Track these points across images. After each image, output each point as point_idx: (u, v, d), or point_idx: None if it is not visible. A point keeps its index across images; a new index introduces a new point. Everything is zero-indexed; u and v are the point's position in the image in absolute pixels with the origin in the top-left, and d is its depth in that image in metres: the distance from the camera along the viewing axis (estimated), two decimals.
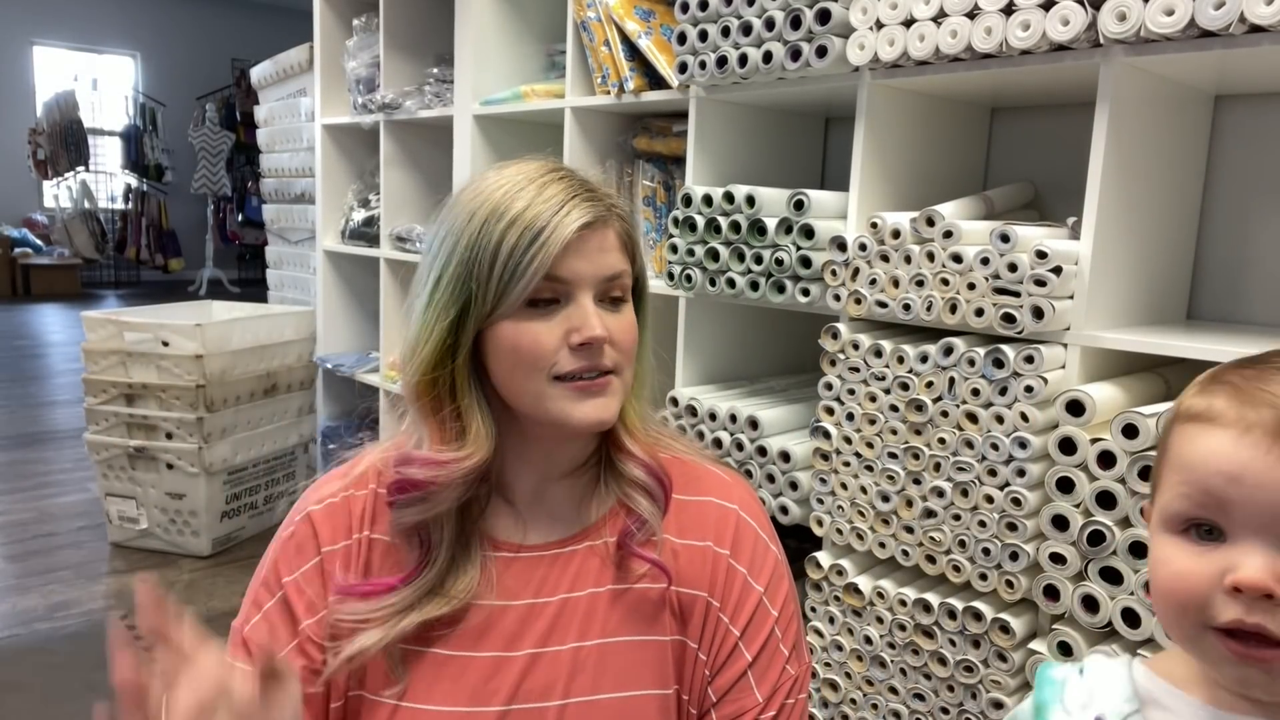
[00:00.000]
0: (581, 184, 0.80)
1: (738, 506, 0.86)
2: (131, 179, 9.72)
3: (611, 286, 0.79)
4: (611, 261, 0.79)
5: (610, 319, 0.79)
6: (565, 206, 0.77)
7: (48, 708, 1.89)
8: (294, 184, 3.45)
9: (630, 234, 0.82)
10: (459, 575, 0.80)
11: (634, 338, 0.81)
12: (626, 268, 0.80)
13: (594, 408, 0.78)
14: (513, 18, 2.32)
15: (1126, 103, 1.22)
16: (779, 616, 0.83)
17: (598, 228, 0.78)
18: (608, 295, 0.79)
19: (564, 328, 0.76)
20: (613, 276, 0.79)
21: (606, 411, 0.78)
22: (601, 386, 0.78)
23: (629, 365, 0.81)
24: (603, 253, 0.78)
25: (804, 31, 1.43)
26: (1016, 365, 1.23)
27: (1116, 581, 1.16)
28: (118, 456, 2.70)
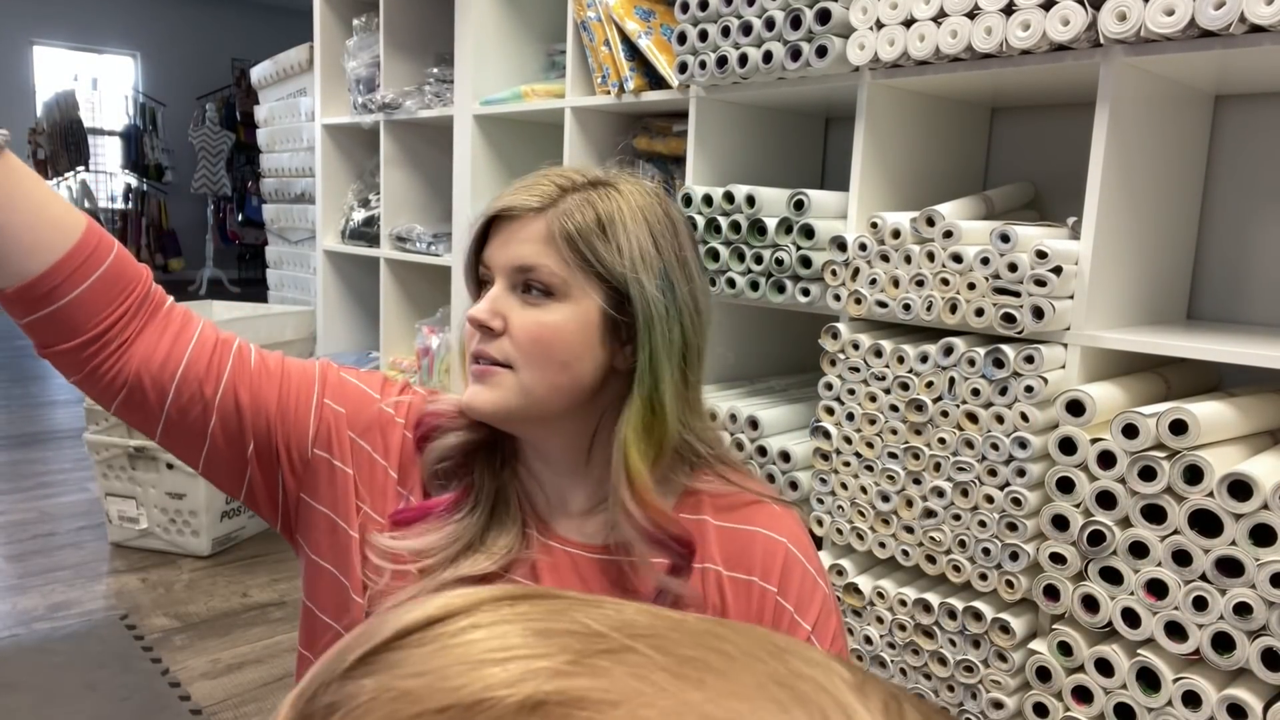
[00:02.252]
0: (564, 179, 0.78)
1: (787, 540, 0.82)
2: (131, 179, 9.72)
3: (524, 278, 0.76)
4: (524, 253, 0.76)
5: (517, 311, 0.76)
6: (506, 195, 0.78)
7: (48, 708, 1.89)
8: (294, 184, 3.45)
9: (572, 233, 0.76)
10: (500, 531, 0.80)
11: (535, 337, 0.76)
12: (544, 263, 0.76)
13: (470, 393, 0.78)
14: (513, 18, 2.32)
15: (1126, 103, 1.22)
16: None
17: (522, 216, 0.77)
18: (525, 287, 0.77)
19: None
20: (524, 268, 0.76)
21: (478, 399, 0.77)
22: (480, 374, 0.77)
23: (530, 366, 0.76)
24: (519, 243, 0.77)
25: (804, 31, 1.43)
26: (1016, 365, 1.23)
27: (1116, 581, 1.16)
28: (118, 456, 2.70)
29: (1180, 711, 1.12)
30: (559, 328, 0.76)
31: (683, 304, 0.79)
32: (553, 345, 0.75)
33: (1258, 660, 1.06)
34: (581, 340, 0.76)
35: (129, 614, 2.33)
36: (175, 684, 2.00)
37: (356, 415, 0.83)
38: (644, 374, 0.77)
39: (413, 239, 2.61)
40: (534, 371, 0.76)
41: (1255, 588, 1.05)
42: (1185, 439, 1.09)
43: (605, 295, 0.76)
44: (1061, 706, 1.23)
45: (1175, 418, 1.10)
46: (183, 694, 1.97)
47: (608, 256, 0.76)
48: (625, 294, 0.76)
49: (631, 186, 0.80)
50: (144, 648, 2.16)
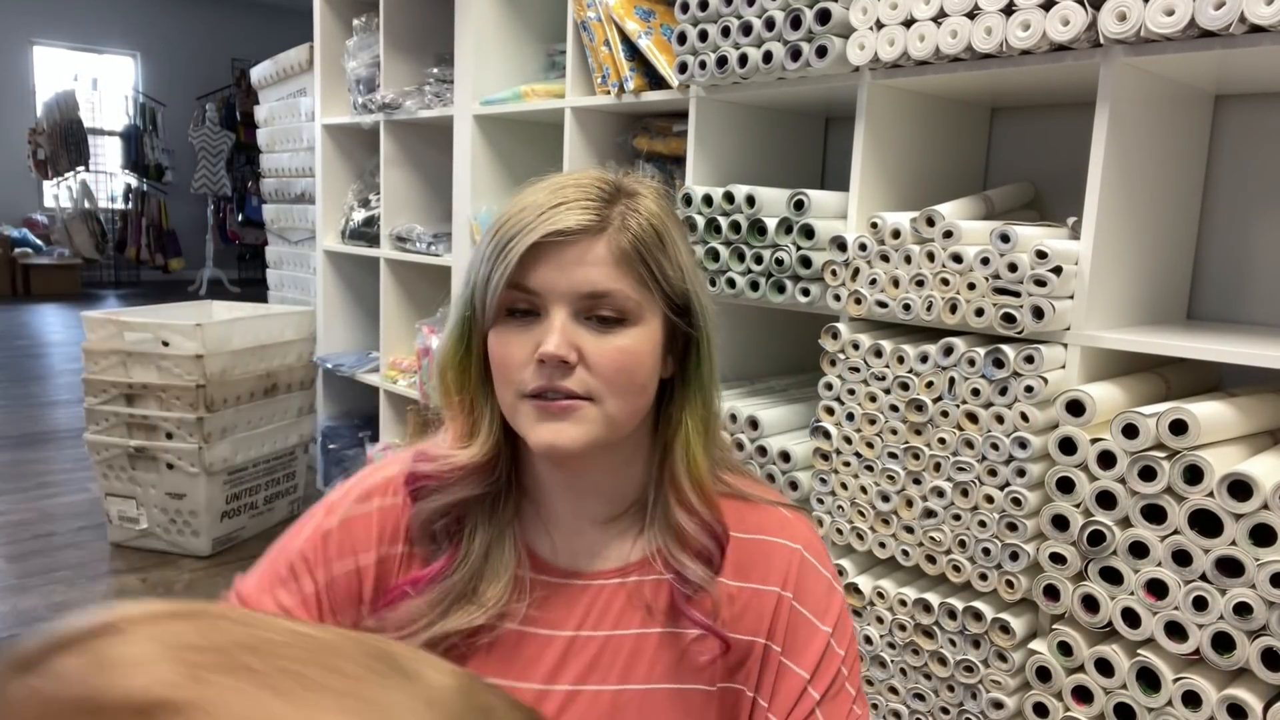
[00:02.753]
0: (594, 189, 0.73)
1: (801, 546, 0.80)
2: (131, 179, 9.72)
3: (595, 305, 0.71)
4: (592, 277, 0.71)
5: (590, 341, 0.71)
6: (549, 212, 0.71)
7: None
8: (294, 184, 3.45)
9: (639, 252, 0.72)
10: (492, 580, 0.77)
11: (620, 365, 0.72)
12: (618, 288, 0.71)
13: (549, 431, 0.71)
14: (513, 18, 2.32)
15: (1126, 103, 1.22)
16: (845, 656, 0.79)
17: (581, 237, 0.71)
18: (593, 314, 0.72)
19: (535, 341, 0.71)
20: (594, 294, 0.71)
21: (563, 437, 0.71)
22: (561, 410, 0.71)
23: (615, 395, 0.72)
24: (582, 266, 0.71)
25: (804, 31, 1.43)
26: (1016, 365, 1.23)
27: (1116, 581, 1.16)
28: (118, 456, 2.69)
29: (1180, 711, 1.12)
30: (638, 352, 0.73)
31: (712, 307, 0.79)
32: (635, 372, 0.73)
33: (1258, 660, 1.06)
34: (654, 360, 0.75)
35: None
36: None
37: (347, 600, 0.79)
38: (705, 379, 0.78)
39: (413, 239, 2.61)
40: (618, 400, 0.73)
41: (1255, 588, 1.05)
42: (1185, 439, 1.09)
43: (665, 311, 0.75)
44: (1061, 706, 1.23)
45: (1175, 418, 1.10)
46: None
47: (671, 271, 0.74)
48: (683, 306, 0.76)
49: (648, 188, 0.77)
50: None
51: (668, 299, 0.75)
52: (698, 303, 0.76)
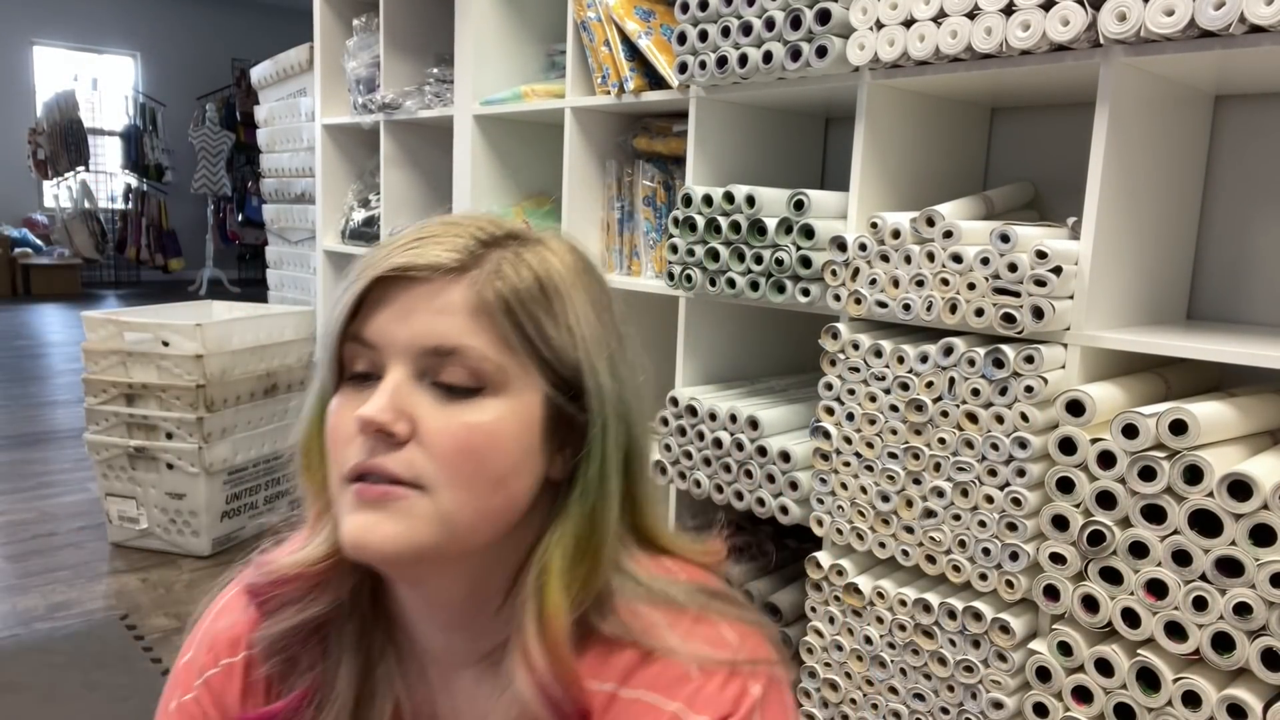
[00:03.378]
0: (474, 228, 0.59)
1: (680, 708, 0.57)
2: (131, 179, 9.72)
3: (440, 365, 0.56)
4: (439, 328, 0.55)
5: (430, 410, 0.55)
6: (403, 245, 0.57)
7: (48, 708, 1.89)
8: (294, 184, 3.45)
9: (508, 303, 0.57)
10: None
11: (463, 446, 0.55)
12: (471, 345, 0.56)
13: (358, 525, 0.55)
14: (513, 18, 2.32)
15: (1126, 103, 1.22)
16: None
17: (434, 278, 0.56)
18: (439, 377, 0.56)
19: None
20: (439, 350, 0.56)
21: (375, 535, 0.54)
22: (377, 498, 0.55)
23: (453, 486, 0.55)
24: (431, 314, 0.56)
25: (804, 31, 1.43)
26: (1016, 365, 1.23)
27: (1116, 581, 1.16)
28: (118, 456, 2.69)
29: (1180, 711, 1.12)
30: (493, 433, 0.56)
31: (629, 393, 0.61)
32: (487, 458, 0.56)
33: (1258, 660, 1.06)
34: (522, 447, 0.57)
35: (129, 614, 2.33)
36: None
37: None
38: (591, 487, 0.59)
39: None
40: (458, 494, 0.55)
41: (1255, 588, 1.05)
42: (1185, 439, 1.09)
43: (550, 385, 0.58)
44: (1061, 706, 1.23)
45: (1175, 418, 1.10)
46: None
47: (555, 334, 0.58)
48: (575, 384, 0.59)
49: (559, 243, 0.62)
50: (144, 648, 2.16)
51: (551, 371, 0.58)
52: (595, 382, 0.59)
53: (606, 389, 0.59)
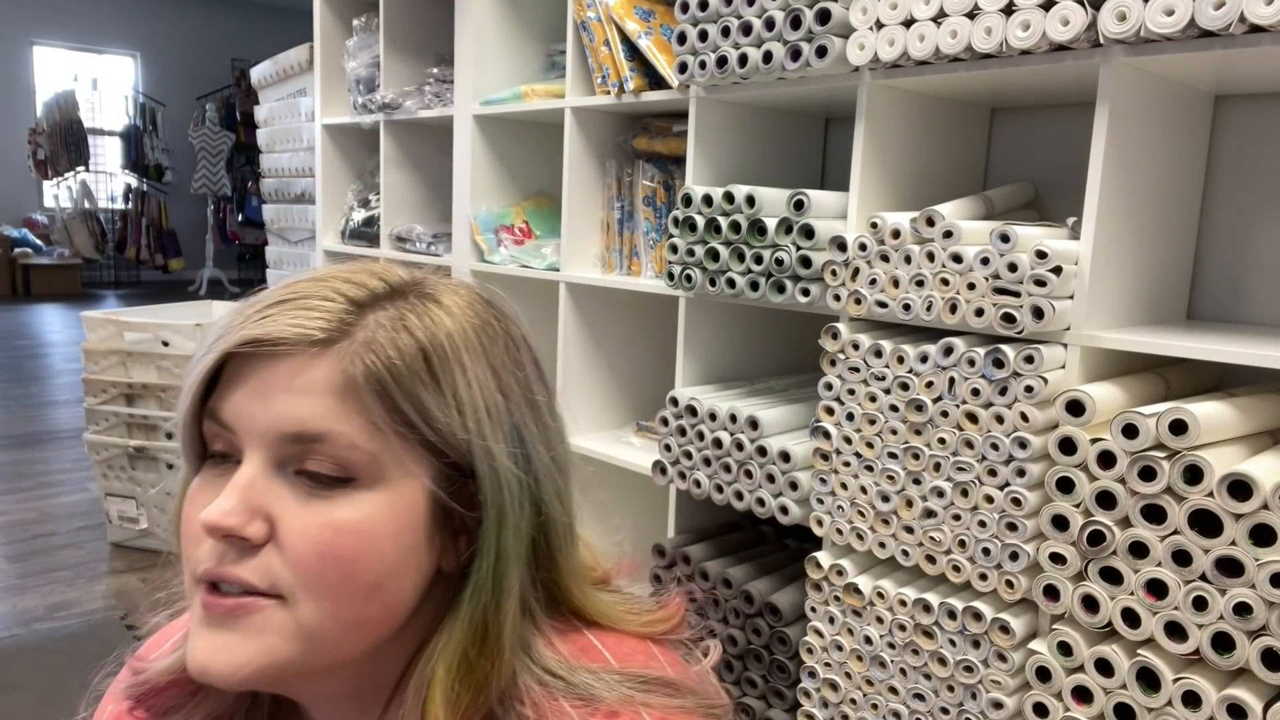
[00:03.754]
0: (348, 287, 0.51)
1: None
2: (131, 179, 9.73)
3: (304, 454, 0.49)
4: (300, 411, 0.48)
5: (290, 508, 0.49)
6: (262, 310, 0.50)
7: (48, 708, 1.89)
8: (294, 184, 3.45)
9: (381, 382, 0.49)
10: None
11: (326, 550, 0.48)
12: (338, 430, 0.49)
13: (203, 648, 0.48)
14: (513, 18, 2.32)
15: (1126, 103, 1.22)
16: None
17: (295, 352, 0.49)
18: (302, 468, 0.49)
19: None
20: (301, 437, 0.49)
21: (221, 661, 0.48)
22: (226, 612, 0.48)
23: (315, 596, 0.48)
24: (292, 395, 0.49)
25: (804, 31, 1.43)
26: (1016, 365, 1.23)
27: (1116, 581, 1.16)
28: (118, 456, 2.70)
29: (1180, 711, 1.12)
30: (365, 531, 0.49)
31: (540, 470, 0.54)
32: (356, 563, 0.49)
33: (1258, 660, 1.06)
34: (400, 546, 0.50)
35: (129, 614, 2.33)
36: None
37: None
38: (483, 585, 0.51)
39: (413, 239, 2.61)
40: (323, 604, 0.48)
41: (1255, 588, 1.05)
42: (1185, 439, 1.09)
43: (434, 471, 0.51)
44: (1061, 706, 1.23)
45: (1175, 418, 1.10)
46: None
47: (440, 416, 0.50)
48: (464, 467, 0.52)
49: (454, 297, 0.54)
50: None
51: (436, 454, 0.51)
52: (488, 466, 0.51)
53: (504, 472, 0.51)
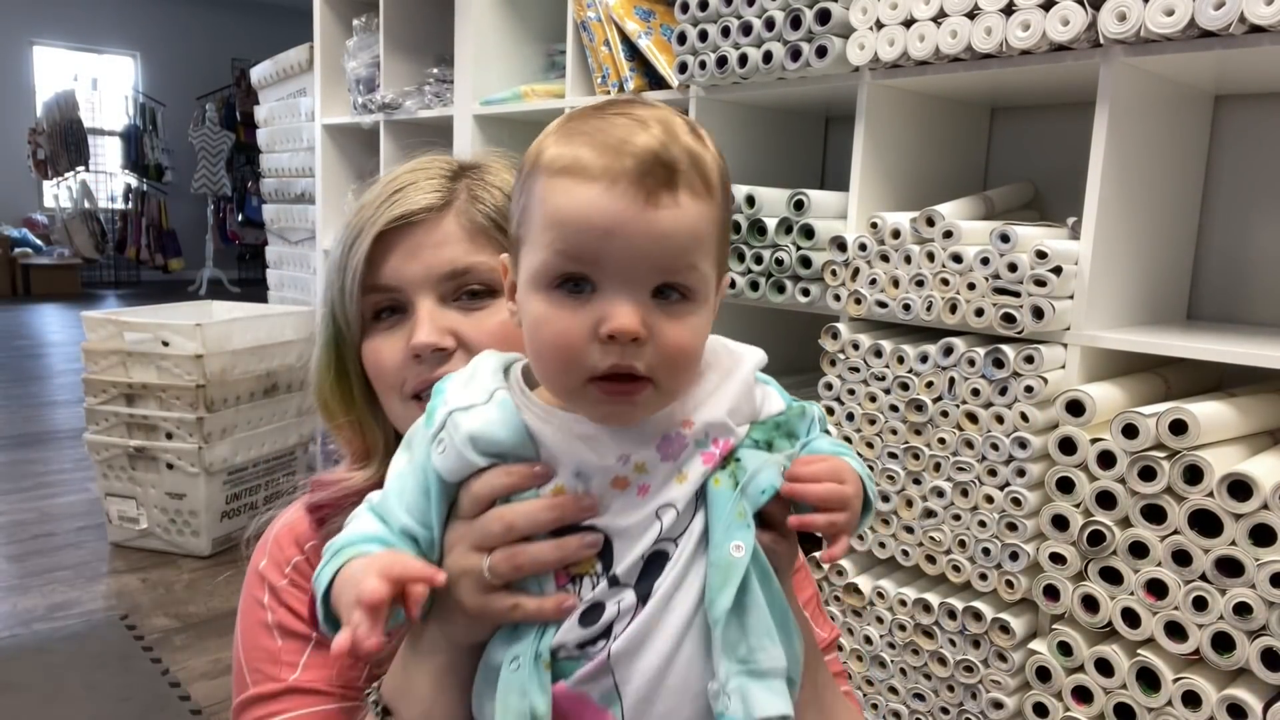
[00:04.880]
0: (434, 169, 0.70)
1: None
2: (131, 179, 9.72)
3: (460, 284, 0.67)
4: (447, 255, 0.67)
5: (463, 319, 0.66)
6: (386, 201, 0.67)
7: (48, 708, 1.89)
8: (294, 184, 3.45)
9: (494, 221, 0.68)
10: None
11: (498, 337, 0.65)
12: (478, 261, 0.67)
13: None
14: (513, 18, 2.32)
15: (1126, 103, 1.22)
16: None
17: (426, 218, 0.67)
18: (460, 294, 0.67)
19: (407, 338, 0.67)
20: (454, 273, 0.67)
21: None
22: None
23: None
24: (434, 247, 0.67)
25: (804, 31, 1.43)
26: (1016, 365, 1.23)
27: (1116, 581, 1.16)
28: (118, 456, 2.69)
29: (1180, 711, 1.12)
30: (506, 322, 0.64)
31: None
32: (508, 343, 0.63)
33: (1257, 660, 1.06)
34: None
35: (129, 614, 2.33)
36: (175, 684, 2.00)
37: None
38: None
39: None
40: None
41: (1255, 588, 1.05)
42: (1185, 439, 1.09)
43: None
44: (1061, 706, 1.23)
45: (1175, 418, 1.10)
46: (183, 694, 1.97)
47: None
48: None
49: (497, 160, 0.74)
50: (144, 648, 2.16)
51: None
52: None
53: None
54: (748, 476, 0.54)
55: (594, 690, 0.52)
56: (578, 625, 0.52)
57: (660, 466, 0.53)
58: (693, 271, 0.51)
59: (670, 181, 0.50)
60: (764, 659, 0.52)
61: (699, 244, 0.51)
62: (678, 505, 0.52)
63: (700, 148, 0.52)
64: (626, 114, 0.52)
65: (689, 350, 0.51)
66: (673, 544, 0.53)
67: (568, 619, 0.52)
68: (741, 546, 0.52)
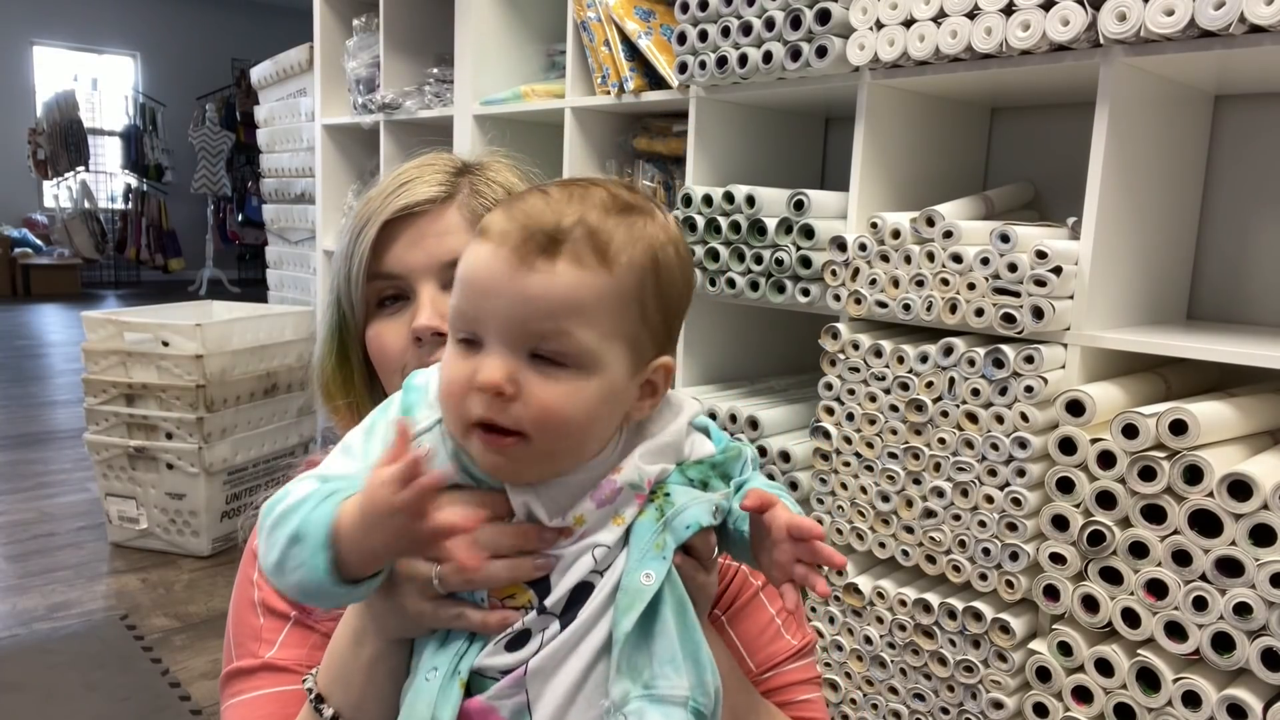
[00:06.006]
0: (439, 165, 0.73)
1: None
2: (131, 179, 9.72)
3: None
4: (449, 244, 0.70)
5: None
6: (394, 192, 0.71)
7: (48, 708, 1.89)
8: (294, 184, 3.45)
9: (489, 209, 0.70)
10: None
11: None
12: None
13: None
14: (513, 18, 2.32)
15: (1126, 103, 1.22)
16: None
17: (430, 209, 0.71)
18: None
19: (408, 323, 0.70)
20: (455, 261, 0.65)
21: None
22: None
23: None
24: (438, 236, 0.70)
25: (804, 31, 1.43)
26: (1016, 365, 1.23)
27: (1116, 581, 1.16)
28: (118, 456, 2.69)
29: (1180, 711, 1.12)
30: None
31: None
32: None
33: (1258, 660, 1.06)
34: None
35: (129, 614, 2.33)
36: (175, 684, 2.00)
37: None
38: None
39: None
40: None
41: (1255, 588, 1.05)
42: (1185, 439, 1.09)
43: None
44: (1061, 706, 1.23)
45: (1175, 418, 1.10)
46: (183, 694, 1.97)
47: None
48: None
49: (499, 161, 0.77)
50: (144, 648, 2.16)
51: None
52: None
53: None
54: (674, 510, 0.56)
55: (505, 706, 0.54)
56: (504, 650, 0.54)
57: (597, 514, 0.56)
58: (564, 337, 0.52)
59: (549, 249, 0.52)
60: (665, 685, 0.53)
61: (574, 312, 0.52)
62: (609, 543, 0.55)
63: (615, 225, 0.54)
64: (565, 187, 0.55)
65: (556, 412, 0.52)
66: (599, 575, 0.55)
67: (493, 643, 0.54)
68: (651, 575, 0.54)
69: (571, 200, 0.54)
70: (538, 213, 0.53)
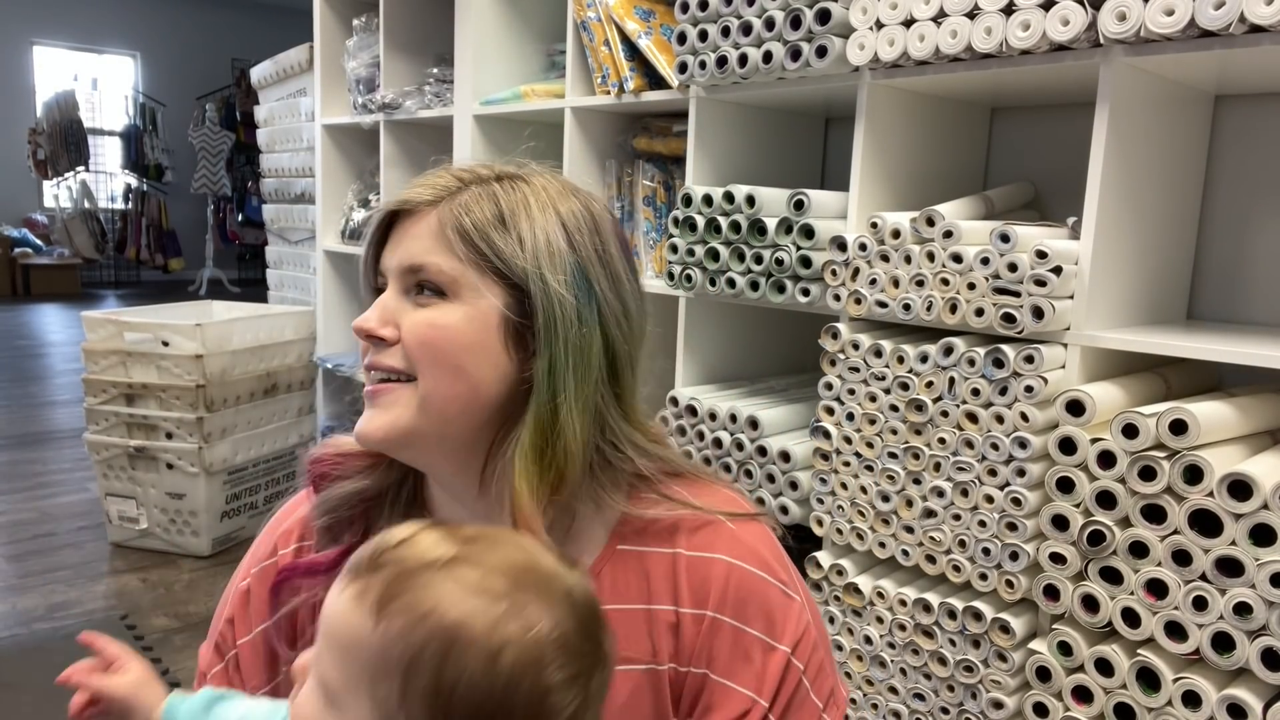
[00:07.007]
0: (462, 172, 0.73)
1: (744, 561, 0.74)
2: (131, 179, 9.72)
3: (415, 279, 0.70)
4: (413, 250, 0.69)
5: (406, 314, 0.70)
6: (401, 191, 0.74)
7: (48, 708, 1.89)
8: (294, 184, 3.45)
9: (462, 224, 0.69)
10: None
11: (424, 339, 0.68)
12: (432, 260, 0.68)
13: (362, 421, 0.71)
14: (513, 18, 2.32)
15: (1126, 103, 1.22)
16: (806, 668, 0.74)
17: (412, 214, 0.71)
18: (418, 288, 0.70)
19: None
20: (412, 267, 0.69)
21: (371, 425, 0.69)
22: (373, 395, 0.70)
23: (424, 373, 0.68)
24: (411, 240, 0.70)
25: (804, 31, 1.43)
26: (1016, 365, 1.23)
27: (1116, 581, 1.16)
28: (118, 456, 2.69)
29: (1180, 711, 1.12)
30: (449, 327, 0.68)
31: (604, 305, 0.71)
32: (444, 349, 0.68)
33: (1258, 660, 1.06)
34: (477, 343, 0.68)
35: (129, 614, 2.33)
36: (175, 684, 2.00)
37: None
38: (541, 384, 0.68)
39: None
40: (429, 380, 0.68)
41: (1255, 588, 1.05)
42: (1185, 439, 1.09)
43: (505, 296, 0.69)
44: (1061, 706, 1.23)
45: (1175, 418, 1.10)
46: None
47: (506, 250, 0.68)
48: (527, 293, 0.69)
49: (545, 180, 0.74)
50: (144, 648, 2.16)
51: (505, 281, 0.69)
52: (541, 288, 0.68)
53: (556, 295, 0.68)
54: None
55: None
56: None
57: None
58: None
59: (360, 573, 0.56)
60: None
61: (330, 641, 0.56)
62: None
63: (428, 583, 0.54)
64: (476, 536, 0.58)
65: None
66: None
67: None
68: None
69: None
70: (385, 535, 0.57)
